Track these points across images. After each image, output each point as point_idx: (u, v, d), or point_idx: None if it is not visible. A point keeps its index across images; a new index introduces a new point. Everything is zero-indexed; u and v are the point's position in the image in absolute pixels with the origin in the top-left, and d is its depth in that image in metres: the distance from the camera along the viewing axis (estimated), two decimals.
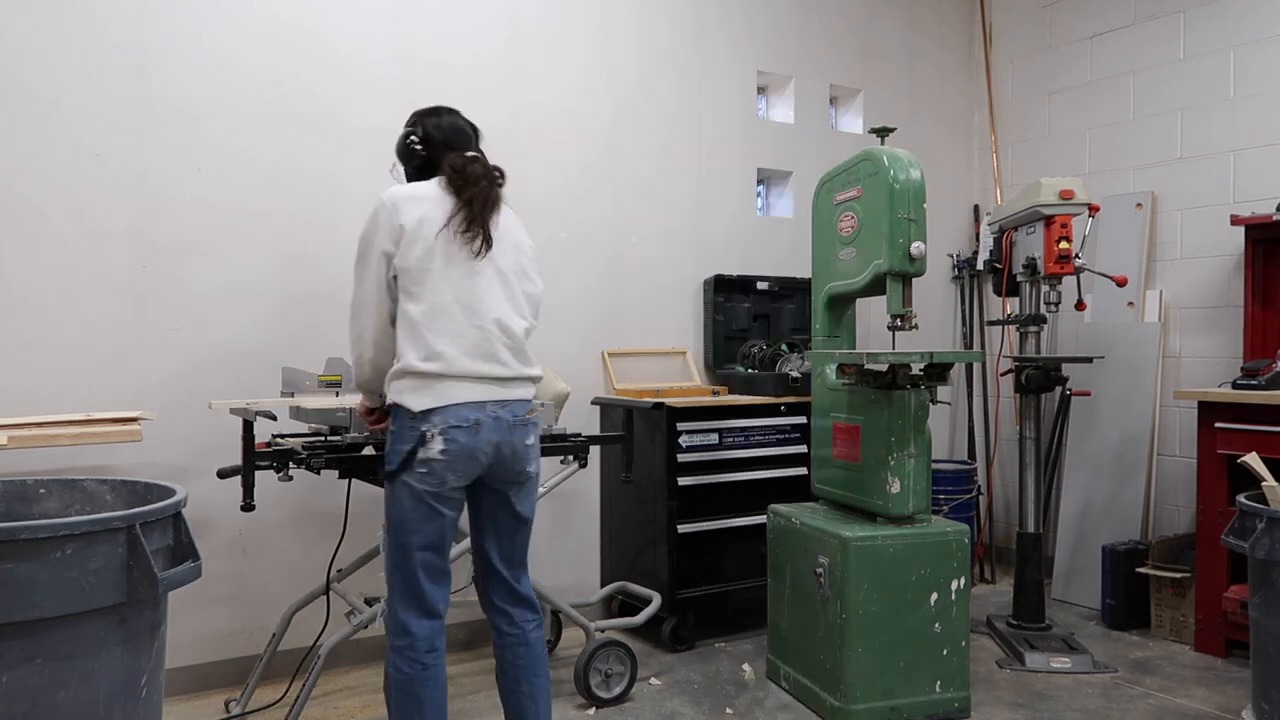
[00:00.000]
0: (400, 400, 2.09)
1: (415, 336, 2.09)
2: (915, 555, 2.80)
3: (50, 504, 2.05)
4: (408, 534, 2.11)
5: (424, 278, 2.10)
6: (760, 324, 4.16)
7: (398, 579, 2.14)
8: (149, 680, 1.77)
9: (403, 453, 2.08)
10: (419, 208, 2.12)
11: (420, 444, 2.06)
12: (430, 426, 2.06)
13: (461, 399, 2.09)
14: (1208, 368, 3.93)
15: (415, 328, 2.09)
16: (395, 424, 2.12)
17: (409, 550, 2.12)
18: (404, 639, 2.13)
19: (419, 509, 2.10)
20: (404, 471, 2.08)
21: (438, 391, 2.08)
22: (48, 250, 2.84)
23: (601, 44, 3.82)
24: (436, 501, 2.10)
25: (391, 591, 2.15)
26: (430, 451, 2.06)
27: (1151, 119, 4.17)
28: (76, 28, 2.86)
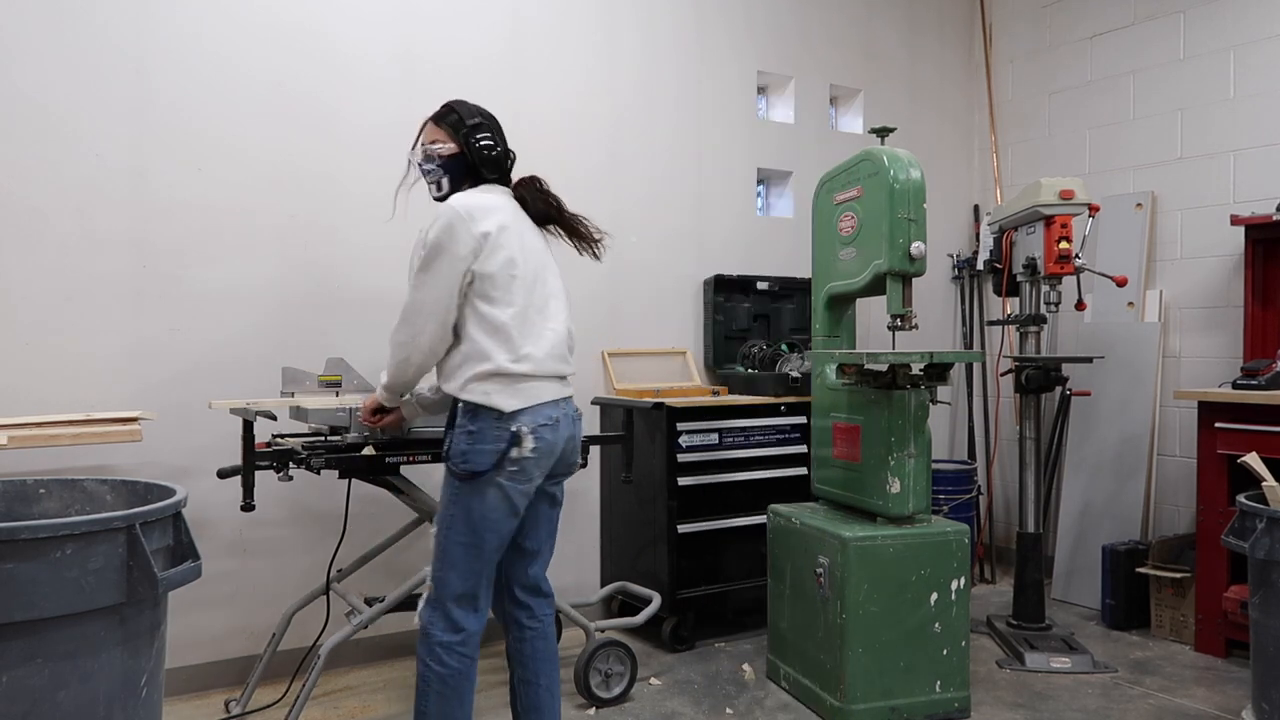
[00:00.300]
0: (488, 401, 2.12)
1: (504, 339, 2.14)
2: (915, 555, 2.80)
3: (50, 504, 2.05)
4: (487, 533, 2.16)
5: (510, 284, 2.17)
6: (760, 324, 4.16)
7: (459, 579, 2.16)
8: (149, 680, 1.77)
9: (494, 453, 2.12)
10: (496, 217, 2.19)
11: (514, 444, 2.12)
12: (521, 426, 2.13)
13: (545, 398, 2.19)
14: (1208, 368, 3.93)
15: (503, 330, 2.15)
16: (476, 425, 2.13)
17: (485, 549, 2.17)
18: (456, 635, 2.17)
19: (503, 508, 2.16)
20: (494, 471, 2.12)
21: (526, 392, 2.15)
22: (48, 250, 2.84)
23: (602, 44, 3.82)
24: (521, 500, 2.18)
25: (447, 589, 2.17)
26: (523, 451, 2.13)
27: (1151, 119, 4.17)
28: (76, 28, 2.86)
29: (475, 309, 2.16)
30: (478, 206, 2.17)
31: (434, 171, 2.31)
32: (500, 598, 2.37)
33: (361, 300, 3.30)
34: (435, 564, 2.20)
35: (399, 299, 2.21)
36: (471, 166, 2.29)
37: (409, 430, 2.61)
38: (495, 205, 2.22)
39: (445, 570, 2.17)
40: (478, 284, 2.15)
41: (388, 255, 3.30)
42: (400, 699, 3.00)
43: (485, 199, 2.22)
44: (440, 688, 2.16)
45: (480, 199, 2.21)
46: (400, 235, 3.28)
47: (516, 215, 2.25)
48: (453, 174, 2.30)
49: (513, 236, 2.20)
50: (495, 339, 2.14)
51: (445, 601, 2.17)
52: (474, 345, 2.15)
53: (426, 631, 2.19)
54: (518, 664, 2.35)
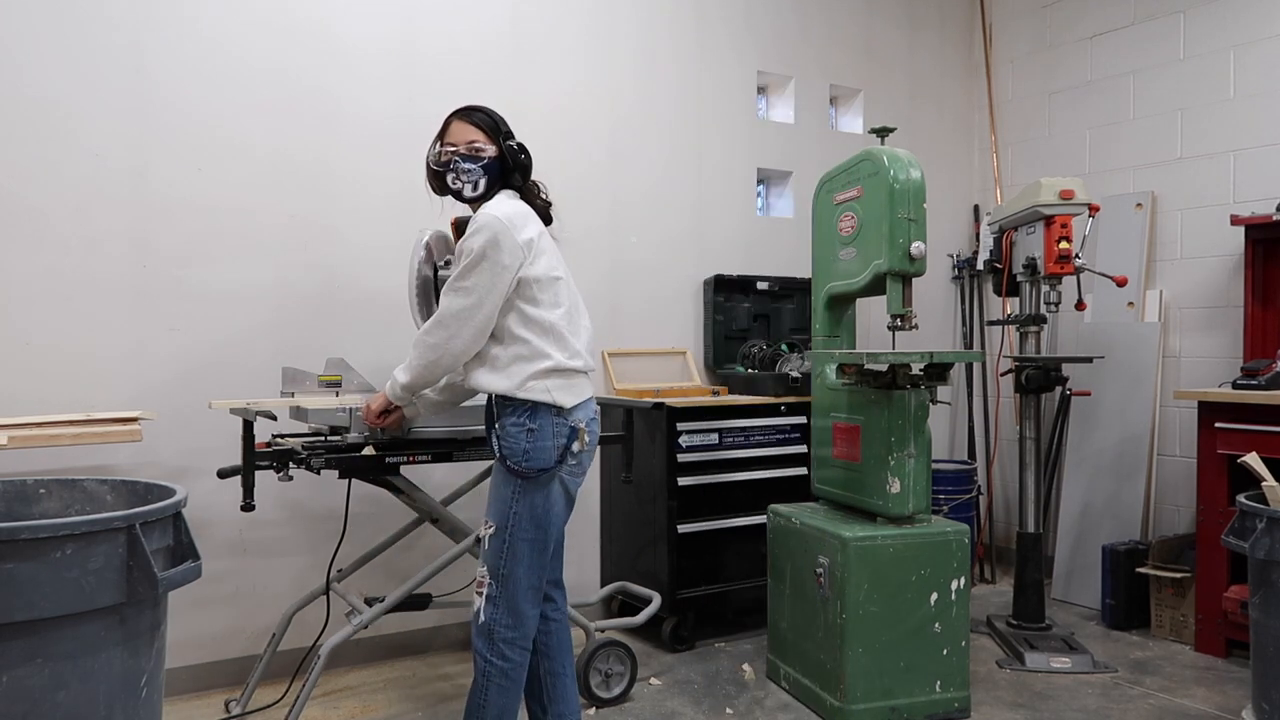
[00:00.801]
0: (549, 399, 2.18)
1: (557, 338, 2.22)
2: (915, 555, 2.80)
3: (50, 504, 2.05)
4: (551, 527, 2.24)
5: (554, 284, 2.25)
6: (760, 324, 4.16)
7: (526, 574, 2.22)
8: (149, 680, 1.77)
9: (557, 449, 2.19)
10: (533, 224, 2.26)
11: (574, 438, 2.21)
12: (578, 421, 2.23)
13: (589, 394, 2.31)
14: (1208, 368, 3.94)
15: (555, 329, 2.22)
16: (536, 422, 2.18)
17: (549, 544, 2.25)
18: (518, 630, 2.22)
19: (563, 501, 2.26)
20: (558, 467, 2.20)
21: (578, 388, 2.25)
22: (48, 250, 2.84)
23: (602, 45, 3.82)
24: (575, 492, 2.29)
25: (516, 585, 2.21)
26: (583, 445, 2.24)
27: (1151, 119, 4.17)
28: (77, 27, 2.86)
29: (521, 312, 2.20)
30: (518, 214, 2.23)
31: (473, 172, 2.29)
32: None
33: (362, 300, 3.30)
34: (497, 561, 2.21)
35: (399, 298, 2.21)
36: (507, 171, 2.33)
37: (409, 430, 2.61)
38: (529, 212, 2.29)
39: (512, 566, 2.21)
40: (524, 288, 2.20)
41: (388, 255, 3.30)
42: (400, 699, 3.00)
43: (520, 206, 2.28)
44: (502, 681, 2.21)
45: (517, 206, 2.27)
46: (399, 235, 3.29)
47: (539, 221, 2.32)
48: (490, 177, 2.31)
49: (547, 241, 2.29)
50: (549, 339, 2.21)
51: (514, 597, 2.21)
52: (528, 346, 2.20)
53: (490, 629, 2.21)
54: (545, 656, 2.40)
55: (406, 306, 2.67)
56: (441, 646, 3.49)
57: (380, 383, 2.66)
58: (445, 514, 2.90)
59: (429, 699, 3.00)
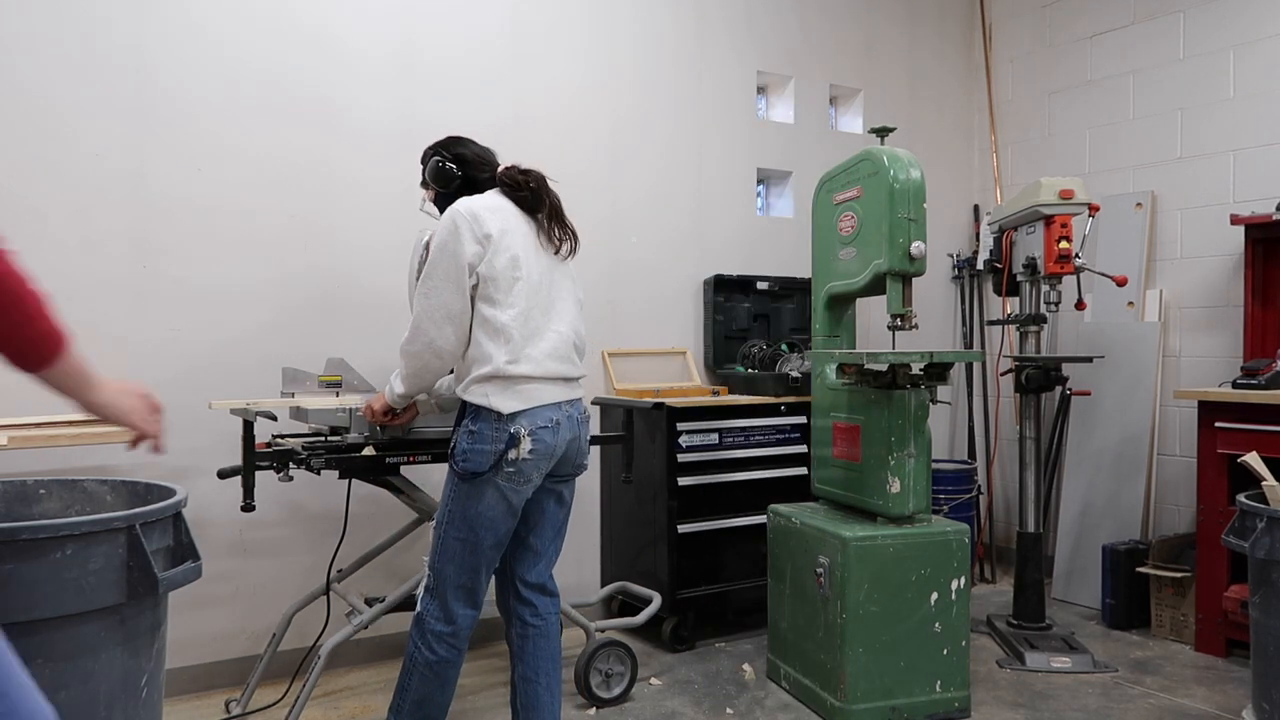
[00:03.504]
0: (487, 403, 2.15)
1: (504, 341, 2.17)
2: (915, 555, 2.80)
3: (50, 504, 2.04)
4: (483, 530, 2.20)
5: (512, 285, 2.19)
6: (760, 324, 4.16)
7: (455, 572, 2.22)
8: (149, 680, 1.77)
9: (492, 453, 2.15)
10: (499, 217, 2.21)
11: (511, 445, 2.15)
12: (519, 428, 2.16)
13: (545, 400, 2.21)
14: (1208, 367, 3.94)
15: (504, 332, 2.16)
16: (476, 425, 2.17)
17: (480, 547, 2.21)
18: (449, 626, 2.24)
19: (500, 508, 2.20)
20: (491, 472, 2.15)
21: (525, 394, 2.18)
22: (48, 250, 2.84)
23: (602, 45, 3.82)
24: (517, 500, 2.21)
25: (445, 582, 2.23)
26: (521, 452, 2.16)
27: (1151, 119, 4.17)
28: (77, 27, 2.86)
29: (479, 311, 2.18)
30: (483, 207, 2.21)
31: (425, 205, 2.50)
32: (505, 593, 2.40)
33: (362, 300, 3.30)
34: (434, 556, 2.25)
35: (399, 298, 2.22)
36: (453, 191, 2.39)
37: (409, 430, 2.61)
38: (498, 206, 2.25)
39: (443, 563, 2.22)
40: (481, 286, 2.17)
41: (388, 255, 3.30)
42: None
43: (488, 200, 2.25)
44: (425, 672, 2.24)
45: (483, 200, 2.25)
46: (399, 235, 3.29)
47: (519, 216, 2.27)
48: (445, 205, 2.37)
49: (517, 238, 2.22)
50: (496, 341, 2.16)
51: (442, 593, 2.23)
52: (478, 348, 2.18)
53: (421, 618, 2.25)
54: (519, 660, 2.37)
55: (406, 307, 2.67)
56: None
57: (380, 383, 2.67)
58: None
59: None
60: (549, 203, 2.31)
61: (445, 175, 2.40)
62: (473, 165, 2.41)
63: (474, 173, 2.40)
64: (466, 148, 2.44)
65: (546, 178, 2.34)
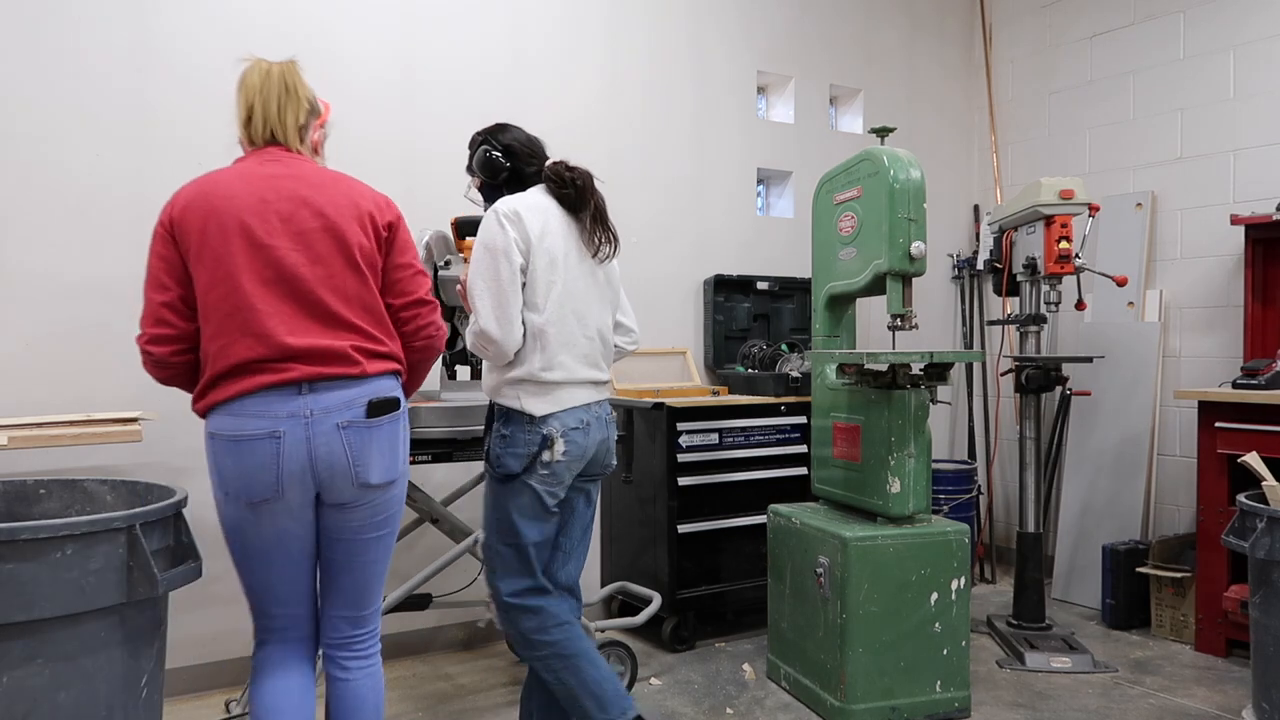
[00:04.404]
0: (520, 405, 2.15)
1: (540, 346, 2.16)
2: (915, 555, 2.80)
3: (50, 504, 2.05)
4: (526, 529, 2.19)
5: (549, 289, 2.17)
6: (760, 324, 4.16)
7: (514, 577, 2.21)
8: (149, 680, 1.77)
9: (526, 456, 2.15)
10: (540, 218, 2.18)
11: (545, 446, 2.14)
12: (552, 430, 2.16)
13: (576, 402, 2.21)
14: (1208, 367, 3.94)
15: (540, 337, 2.16)
16: (508, 429, 2.16)
17: (528, 547, 2.20)
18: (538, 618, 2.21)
19: (537, 507, 2.19)
20: (526, 474, 2.15)
21: (556, 397, 2.18)
22: (48, 250, 2.84)
23: (601, 46, 3.82)
24: (552, 501, 2.21)
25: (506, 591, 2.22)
26: (555, 454, 2.16)
27: (1151, 119, 4.17)
28: (77, 28, 2.86)
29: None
30: (525, 207, 2.18)
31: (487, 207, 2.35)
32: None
33: None
34: (490, 575, 2.24)
35: None
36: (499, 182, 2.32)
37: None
38: (540, 205, 2.21)
39: (502, 575, 2.22)
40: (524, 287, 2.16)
41: None
42: (400, 699, 3.00)
43: (530, 198, 2.22)
44: (562, 663, 2.20)
45: (525, 199, 2.21)
46: None
47: (560, 216, 2.23)
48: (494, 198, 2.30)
49: (557, 240, 2.19)
50: (531, 345, 2.16)
51: (507, 601, 2.22)
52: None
53: (516, 631, 2.23)
54: None
55: None
56: (441, 646, 3.49)
57: None
58: (445, 514, 2.91)
59: (429, 699, 3.00)
60: (593, 203, 2.27)
61: (493, 166, 2.31)
62: (520, 157, 2.33)
63: (521, 165, 2.32)
64: (516, 139, 2.35)
65: (593, 176, 2.29)
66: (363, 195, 1.93)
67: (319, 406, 1.78)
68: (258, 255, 1.80)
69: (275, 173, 1.87)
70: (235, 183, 1.84)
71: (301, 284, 1.81)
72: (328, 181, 1.91)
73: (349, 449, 1.80)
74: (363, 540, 1.90)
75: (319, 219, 1.84)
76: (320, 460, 1.78)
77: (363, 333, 1.86)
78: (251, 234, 1.80)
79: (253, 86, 1.91)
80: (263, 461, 1.76)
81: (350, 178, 1.98)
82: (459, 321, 2.89)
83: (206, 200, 1.82)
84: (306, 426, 1.78)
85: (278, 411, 1.76)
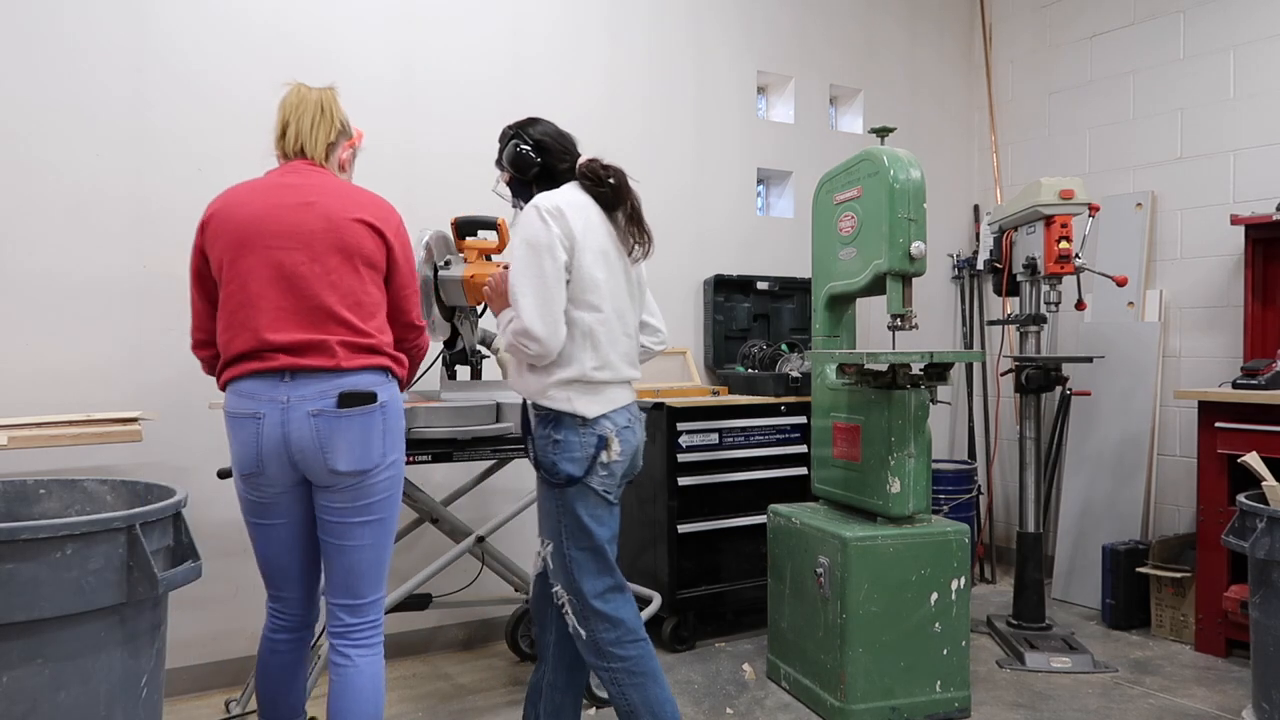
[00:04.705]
0: (570, 408, 2.11)
1: (591, 346, 2.13)
2: (915, 555, 2.80)
3: (50, 504, 2.04)
4: (598, 529, 2.16)
5: (595, 287, 2.14)
6: (760, 324, 4.16)
7: (594, 583, 2.17)
8: (149, 680, 1.77)
9: (584, 459, 2.12)
10: (581, 215, 2.15)
11: (601, 447, 2.13)
12: (606, 430, 2.14)
13: (621, 402, 2.20)
14: (1208, 367, 3.93)
15: (591, 336, 2.13)
16: (560, 433, 2.12)
17: (602, 544, 2.17)
18: (616, 629, 2.17)
19: (602, 506, 2.17)
20: (587, 476, 2.13)
21: (606, 397, 2.16)
22: (48, 250, 2.84)
23: (602, 44, 3.82)
24: (616, 498, 2.20)
25: (588, 597, 2.16)
26: (612, 454, 2.15)
27: (1151, 119, 4.17)
28: (76, 29, 2.86)
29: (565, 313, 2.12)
30: (567, 203, 2.14)
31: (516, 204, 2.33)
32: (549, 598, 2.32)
33: None
34: (564, 578, 2.18)
35: None
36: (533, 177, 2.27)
37: (409, 430, 2.61)
38: (580, 203, 2.17)
39: (580, 579, 2.17)
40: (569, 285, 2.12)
41: None
42: (400, 699, 3.00)
43: (569, 195, 2.18)
44: (630, 679, 2.17)
45: (565, 195, 2.17)
46: None
47: (598, 214, 2.20)
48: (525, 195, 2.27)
49: (600, 237, 2.16)
50: (582, 345, 2.12)
51: (593, 604, 2.17)
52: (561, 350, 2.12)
53: (591, 640, 2.18)
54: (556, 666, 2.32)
55: None
56: (441, 646, 3.49)
57: None
58: (445, 514, 2.91)
59: (429, 699, 3.00)
60: (629, 202, 2.23)
61: (524, 162, 2.25)
62: (553, 154, 2.27)
63: (553, 161, 2.27)
64: (548, 134, 2.29)
65: (628, 175, 2.27)
66: (366, 203, 2.08)
67: (295, 394, 1.96)
68: (264, 256, 1.99)
69: (292, 182, 2.06)
70: (253, 192, 2.05)
71: (300, 281, 1.98)
72: (337, 190, 2.08)
73: (317, 435, 1.95)
74: (346, 524, 2.02)
75: (322, 221, 2.01)
76: (293, 443, 1.96)
77: (351, 327, 2.00)
78: (260, 237, 1.99)
79: (290, 105, 2.15)
80: (247, 438, 1.98)
81: (360, 188, 2.13)
82: (459, 321, 2.89)
83: (228, 210, 2.04)
84: (283, 411, 1.95)
85: (261, 396, 1.96)
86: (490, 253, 2.85)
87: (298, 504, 2.05)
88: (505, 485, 3.45)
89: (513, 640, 3.35)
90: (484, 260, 2.82)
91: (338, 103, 2.19)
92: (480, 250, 2.83)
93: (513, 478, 3.42)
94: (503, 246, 2.87)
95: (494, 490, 3.45)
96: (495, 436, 2.73)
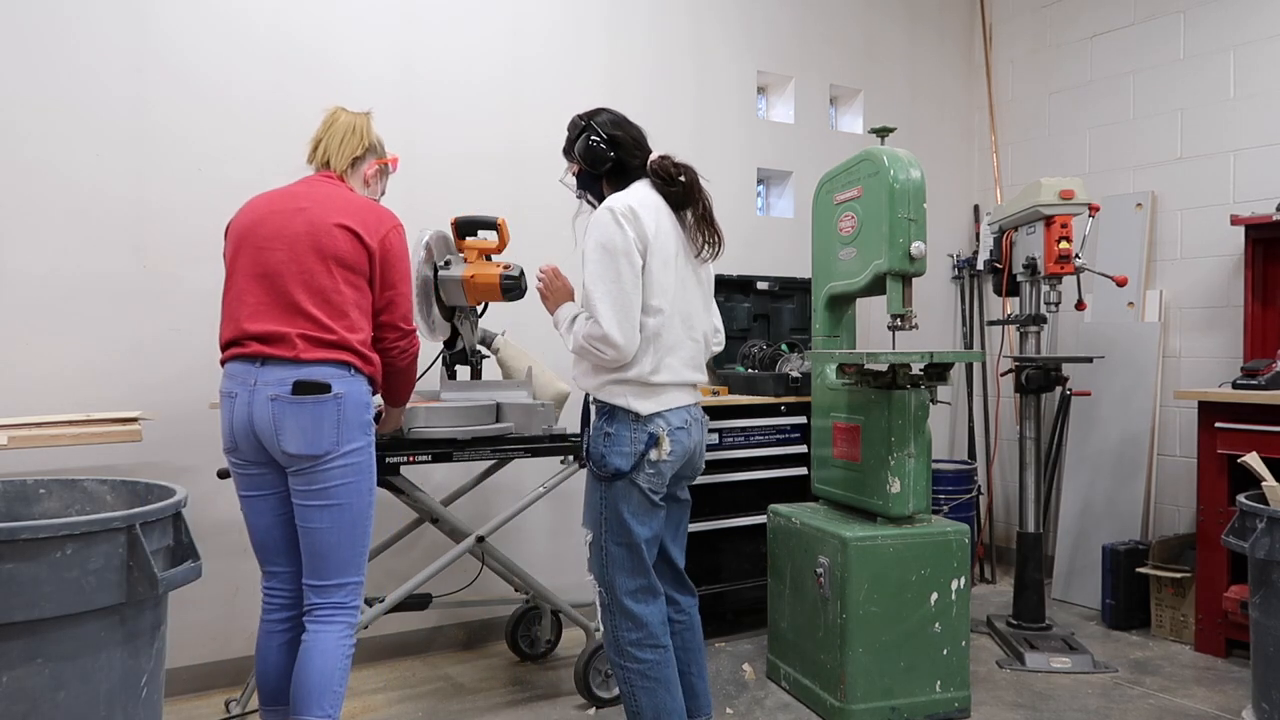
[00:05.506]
0: (625, 404, 2.15)
1: (650, 349, 2.15)
2: (915, 555, 2.80)
3: (50, 504, 2.04)
4: (638, 527, 2.18)
5: (662, 291, 2.16)
6: (760, 324, 4.15)
7: (627, 578, 2.20)
8: (149, 680, 1.77)
9: (633, 455, 2.14)
10: (654, 217, 2.16)
11: (651, 445, 2.15)
12: (658, 428, 2.16)
13: (679, 403, 2.22)
14: (1208, 368, 3.93)
15: (654, 340, 2.15)
16: (613, 428, 2.16)
17: (640, 543, 2.19)
18: (640, 631, 2.20)
19: (645, 505, 2.18)
20: (634, 472, 2.15)
21: (662, 397, 2.19)
22: (48, 250, 2.84)
23: (602, 44, 3.82)
24: (659, 499, 2.21)
25: (619, 591, 2.20)
26: (661, 453, 2.17)
27: (1151, 119, 4.17)
28: (75, 28, 2.86)
29: None
30: (640, 205, 2.14)
31: (581, 195, 2.34)
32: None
33: None
34: (599, 570, 2.23)
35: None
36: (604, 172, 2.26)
37: (409, 430, 2.61)
38: (652, 204, 2.18)
39: (612, 573, 2.20)
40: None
41: None
42: (400, 699, 3.00)
43: (642, 194, 2.18)
44: (644, 683, 2.19)
45: (638, 195, 2.18)
46: None
47: (668, 214, 2.20)
48: (594, 189, 2.28)
49: (671, 239, 2.18)
50: (643, 347, 2.14)
51: (621, 602, 2.20)
52: None
53: (613, 636, 2.22)
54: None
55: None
56: (441, 646, 3.49)
57: None
58: (445, 514, 2.90)
59: (429, 699, 3.00)
60: (701, 202, 2.24)
61: (598, 156, 2.23)
62: (626, 149, 2.25)
63: (626, 157, 2.25)
64: (622, 129, 2.27)
65: (699, 175, 2.26)
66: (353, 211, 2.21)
67: (262, 379, 2.14)
68: (254, 256, 2.19)
69: (297, 191, 2.25)
70: (264, 199, 2.26)
71: (277, 278, 2.16)
72: (330, 198, 2.23)
73: (273, 418, 2.12)
74: (306, 507, 2.17)
75: (306, 225, 2.17)
76: (256, 423, 2.14)
77: (315, 322, 2.14)
78: (254, 239, 2.20)
79: (327, 123, 2.37)
80: (225, 415, 2.20)
81: (358, 198, 2.28)
82: (459, 321, 2.89)
83: (240, 215, 2.27)
84: (251, 393, 2.14)
85: (237, 377, 2.17)
86: (490, 253, 2.85)
87: (280, 480, 2.21)
88: (505, 485, 3.45)
89: (513, 640, 3.35)
90: (484, 260, 2.83)
91: (371, 125, 2.40)
92: (480, 250, 2.83)
93: (513, 478, 3.42)
94: (503, 246, 2.87)
95: (494, 490, 3.44)
96: (495, 436, 2.73)
